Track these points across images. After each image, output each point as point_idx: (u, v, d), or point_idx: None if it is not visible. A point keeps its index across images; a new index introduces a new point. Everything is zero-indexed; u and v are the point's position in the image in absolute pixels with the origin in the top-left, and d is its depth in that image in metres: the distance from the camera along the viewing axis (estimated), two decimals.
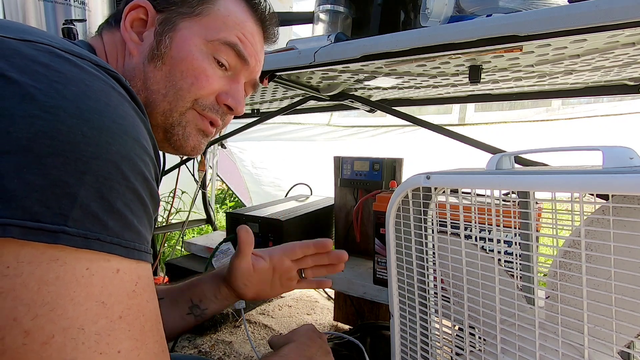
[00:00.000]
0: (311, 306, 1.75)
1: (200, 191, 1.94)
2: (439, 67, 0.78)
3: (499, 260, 0.48)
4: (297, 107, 1.21)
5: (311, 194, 1.66)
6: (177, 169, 1.82)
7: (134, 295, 0.31)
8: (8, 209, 0.26)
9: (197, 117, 0.50)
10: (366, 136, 2.00)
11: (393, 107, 1.04)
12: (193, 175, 1.92)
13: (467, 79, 0.78)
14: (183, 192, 2.25)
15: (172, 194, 1.99)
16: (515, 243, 0.50)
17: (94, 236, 0.28)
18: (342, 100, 1.10)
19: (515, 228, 0.49)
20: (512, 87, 1.04)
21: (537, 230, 0.45)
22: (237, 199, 2.94)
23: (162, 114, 0.48)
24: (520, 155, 0.71)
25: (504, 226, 0.48)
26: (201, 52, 0.47)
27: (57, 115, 0.28)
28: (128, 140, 0.32)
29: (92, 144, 0.29)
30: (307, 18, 0.90)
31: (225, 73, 0.50)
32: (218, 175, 2.34)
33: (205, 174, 1.91)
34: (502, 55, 0.64)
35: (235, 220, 1.23)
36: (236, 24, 0.49)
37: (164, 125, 0.48)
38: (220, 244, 1.20)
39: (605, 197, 0.39)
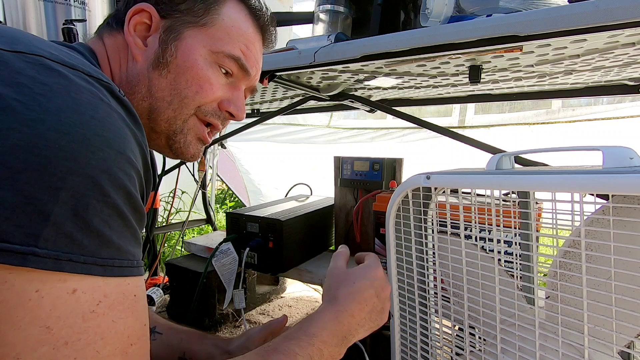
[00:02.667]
0: (311, 306, 1.75)
1: (200, 191, 1.94)
2: (439, 67, 0.78)
3: (499, 260, 0.48)
4: (297, 107, 1.21)
5: (311, 194, 1.66)
6: (177, 169, 1.82)
7: (93, 316, 0.28)
8: None
9: (197, 125, 0.50)
10: (366, 138, 2.00)
11: (393, 107, 1.04)
12: (193, 175, 1.92)
13: (467, 79, 0.78)
14: (183, 192, 2.25)
15: (172, 194, 1.99)
16: (515, 243, 0.50)
17: (66, 257, 0.27)
18: (342, 100, 1.10)
19: (515, 228, 0.49)
20: (512, 87, 1.04)
21: (537, 230, 0.45)
22: (237, 199, 2.94)
23: (166, 121, 0.48)
24: (520, 155, 0.71)
25: (504, 226, 0.48)
26: (206, 61, 0.48)
27: (35, 129, 0.27)
28: (110, 153, 0.31)
29: (70, 159, 0.28)
30: (307, 18, 0.90)
31: (227, 80, 0.51)
32: (218, 175, 2.34)
33: (205, 174, 1.91)
34: (502, 55, 0.64)
35: (235, 220, 1.22)
36: (239, 35, 0.50)
37: (166, 132, 0.49)
38: (221, 244, 1.20)
39: (605, 197, 0.39)
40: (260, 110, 1.55)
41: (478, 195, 0.50)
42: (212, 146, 1.97)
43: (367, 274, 0.54)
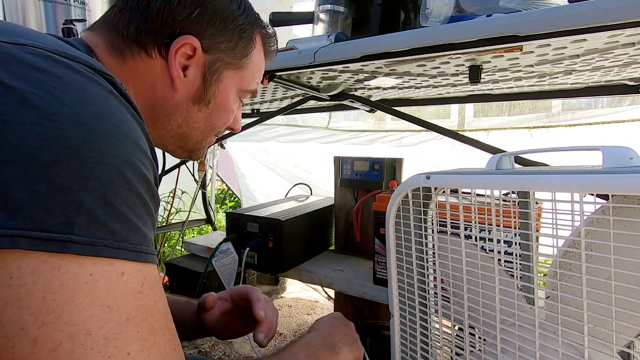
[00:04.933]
0: (311, 306, 1.75)
1: (200, 191, 1.94)
2: (439, 67, 0.78)
3: (499, 260, 0.48)
4: (297, 107, 1.21)
5: (311, 193, 1.66)
6: (177, 169, 1.82)
7: (141, 296, 0.31)
8: (15, 219, 0.26)
9: (212, 139, 0.59)
10: (365, 140, 2.01)
11: (393, 107, 1.04)
12: (193, 175, 1.92)
13: (467, 79, 0.78)
14: (183, 192, 2.25)
15: (172, 194, 1.99)
16: (515, 243, 0.50)
17: (100, 243, 0.29)
18: (342, 100, 1.10)
19: (515, 228, 0.49)
20: (512, 87, 1.04)
21: (537, 230, 0.45)
22: (237, 199, 2.94)
23: (195, 143, 0.55)
24: (520, 156, 0.71)
25: (504, 226, 0.48)
26: (234, 98, 0.55)
27: (57, 122, 0.28)
28: (128, 144, 0.32)
29: (94, 150, 0.29)
30: (307, 18, 0.90)
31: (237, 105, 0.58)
32: (218, 175, 2.34)
33: (205, 174, 1.91)
34: (502, 55, 0.64)
35: (235, 220, 1.22)
36: (259, 72, 0.57)
37: (192, 149, 0.56)
38: (220, 244, 1.20)
39: (605, 197, 0.39)
40: (260, 110, 1.55)
41: (478, 195, 0.50)
42: (212, 146, 1.97)
43: (330, 315, 0.65)
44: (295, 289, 1.90)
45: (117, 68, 0.46)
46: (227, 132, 0.61)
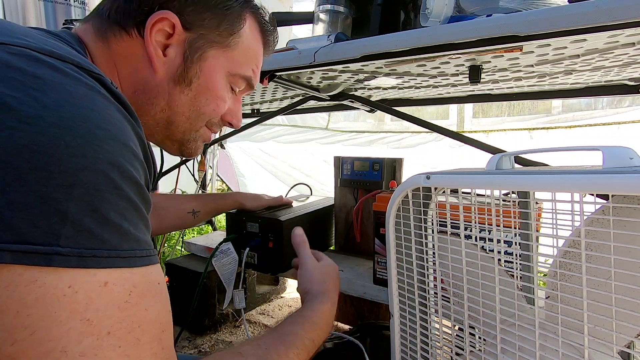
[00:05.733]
0: None
1: (200, 191, 1.94)
2: (439, 67, 0.78)
3: (499, 260, 0.48)
4: (297, 107, 1.21)
5: (311, 194, 1.66)
6: (177, 169, 1.82)
7: (128, 306, 0.29)
8: None
9: (206, 132, 0.55)
10: (364, 141, 2.01)
11: (393, 107, 1.04)
12: (193, 175, 1.92)
13: (467, 79, 0.78)
14: (183, 192, 2.25)
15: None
16: (515, 243, 0.50)
17: (89, 253, 0.27)
18: (342, 100, 1.10)
19: (515, 228, 0.49)
20: (512, 87, 1.04)
21: (537, 230, 0.45)
22: None
23: (182, 132, 0.51)
24: (520, 156, 0.71)
25: (504, 226, 0.48)
26: (223, 82, 0.51)
27: (36, 126, 0.27)
28: (116, 146, 0.30)
29: (78, 154, 0.28)
30: (307, 18, 0.90)
31: (233, 95, 0.55)
32: (218, 175, 2.34)
33: (205, 174, 1.91)
34: (502, 55, 0.64)
35: (235, 220, 1.22)
36: (253, 56, 0.53)
37: (181, 141, 0.53)
38: (220, 243, 1.20)
39: (605, 197, 0.39)
40: (260, 110, 1.55)
41: (478, 195, 0.50)
42: (212, 146, 1.97)
43: (333, 268, 0.71)
44: (295, 289, 1.90)
45: (104, 53, 0.45)
46: (229, 129, 0.61)
